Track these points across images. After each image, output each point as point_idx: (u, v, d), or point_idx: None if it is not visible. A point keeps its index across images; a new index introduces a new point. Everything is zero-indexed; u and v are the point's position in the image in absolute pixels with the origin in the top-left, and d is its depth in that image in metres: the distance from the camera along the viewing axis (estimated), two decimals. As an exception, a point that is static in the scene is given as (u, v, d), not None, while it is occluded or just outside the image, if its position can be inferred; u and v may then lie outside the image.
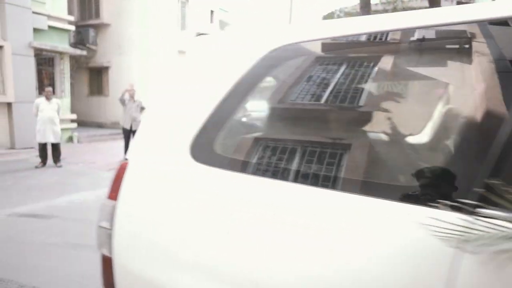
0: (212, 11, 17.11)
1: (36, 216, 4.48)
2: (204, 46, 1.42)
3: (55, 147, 7.59)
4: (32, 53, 10.05)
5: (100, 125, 14.37)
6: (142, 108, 8.62)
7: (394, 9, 6.29)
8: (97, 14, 14.16)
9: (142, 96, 8.93)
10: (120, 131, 9.91)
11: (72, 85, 12.43)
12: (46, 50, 10.76)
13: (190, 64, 1.44)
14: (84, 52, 12.64)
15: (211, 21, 17.15)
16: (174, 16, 14.65)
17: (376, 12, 7.15)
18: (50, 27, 10.69)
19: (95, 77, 14.90)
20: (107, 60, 14.19)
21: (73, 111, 11.89)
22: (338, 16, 6.94)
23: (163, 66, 14.00)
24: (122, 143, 8.74)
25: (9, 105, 9.53)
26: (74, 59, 13.16)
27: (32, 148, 9.22)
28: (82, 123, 13.17)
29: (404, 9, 6.22)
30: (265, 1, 24.16)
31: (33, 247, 3.59)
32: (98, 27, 14.15)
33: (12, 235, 3.90)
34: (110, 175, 5.36)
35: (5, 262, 3.25)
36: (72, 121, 11.49)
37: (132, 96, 8.41)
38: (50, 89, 7.70)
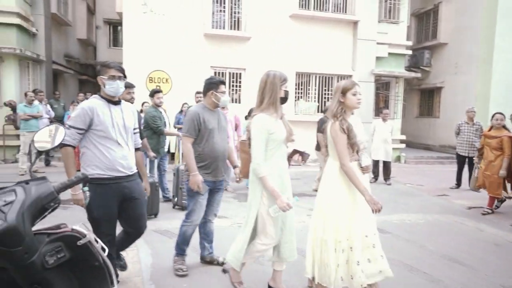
0: None
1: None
2: None
3: (386, 165, 8.04)
4: (373, 79, 11.27)
5: (427, 147, 14.08)
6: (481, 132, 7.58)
7: None
8: (434, 35, 14.00)
9: (482, 119, 7.87)
10: (450, 155, 9.25)
11: (403, 106, 12.90)
12: (384, 76, 11.75)
13: None
14: (418, 75, 12.83)
15: None
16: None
17: None
18: (389, 54, 11.61)
19: (425, 98, 14.80)
20: (440, 80, 13.72)
21: (402, 132, 12.31)
22: None
23: None
24: (451, 168, 8.10)
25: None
26: (406, 82, 13.64)
27: (365, 163, 10.26)
28: (409, 144, 13.39)
29: None
30: None
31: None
32: (434, 48, 13.97)
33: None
34: (439, 201, 4.99)
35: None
36: (401, 141, 11.88)
37: (470, 119, 7.59)
38: (387, 111, 8.27)
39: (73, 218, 2.55)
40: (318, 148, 6.70)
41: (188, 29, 9.79)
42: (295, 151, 2.78)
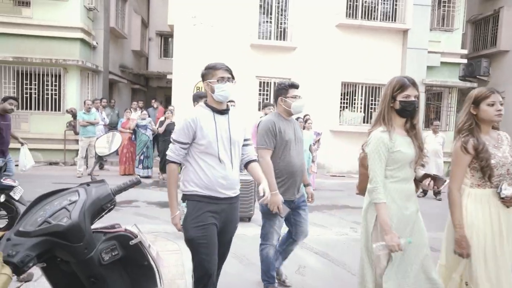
0: None
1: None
2: None
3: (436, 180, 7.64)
4: (423, 89, 10.81)
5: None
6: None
7: None
8: (493, 43, 13.18)
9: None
10: None
11: (457, 118, 12.21)
12: (436, 86, 11.23)
13: None
14: (475, 84, 12.11)
15: None
16: None
17: None
18: (442, 63, 11.09)
19: (482, 110, 13.90)
20: (500, 90, 12.51)
21: (455, 144, 11.63)
22: None
23: None
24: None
25: (399, 136, 10.72)
26: (460, 92, 12.92)
27: (413, 177, 9.83)
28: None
29: None
30: None
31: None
32: (492, 56, 13.13)
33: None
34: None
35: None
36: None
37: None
38: (438, 123, 7.95)
39: (124, 219, 2.71)
40: None
41: (235, 39, 10.05)
42: (426, 175, 2.31)
